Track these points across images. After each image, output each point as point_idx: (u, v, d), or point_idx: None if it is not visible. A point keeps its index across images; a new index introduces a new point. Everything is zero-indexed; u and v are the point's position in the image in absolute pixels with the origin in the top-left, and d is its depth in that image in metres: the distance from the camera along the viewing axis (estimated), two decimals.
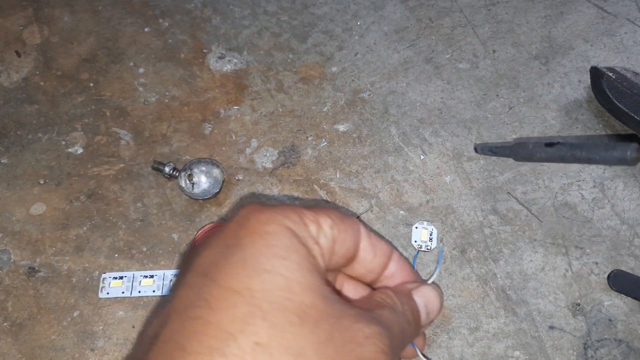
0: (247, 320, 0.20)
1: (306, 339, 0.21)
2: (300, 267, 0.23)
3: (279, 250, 0.23)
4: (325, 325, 0.22)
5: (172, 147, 0.54)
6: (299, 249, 0.23)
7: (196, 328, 0.21)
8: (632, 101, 0.51)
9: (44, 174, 0.53)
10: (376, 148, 0.54)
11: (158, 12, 0.63)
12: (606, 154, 0.36)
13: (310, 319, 0.22)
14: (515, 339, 0.44)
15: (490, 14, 0.62)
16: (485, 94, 0.56)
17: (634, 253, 0.47)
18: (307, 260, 0.23)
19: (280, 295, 0.21)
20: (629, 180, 0.51)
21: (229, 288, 0.21)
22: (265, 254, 0.22)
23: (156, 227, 0.50)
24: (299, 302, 0.22)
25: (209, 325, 0.21)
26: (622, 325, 0.44)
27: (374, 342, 0.23)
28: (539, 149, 0.41)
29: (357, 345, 0.22)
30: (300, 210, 0.25)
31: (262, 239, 0.23)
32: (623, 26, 0.60)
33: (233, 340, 0.20)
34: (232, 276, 0.22)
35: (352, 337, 0.22)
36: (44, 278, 0.48)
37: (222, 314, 0.21)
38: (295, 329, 0.21)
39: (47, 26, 0.62)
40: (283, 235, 0.23)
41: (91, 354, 0.45)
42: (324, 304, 0.23)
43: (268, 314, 0.21)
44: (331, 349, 0.22)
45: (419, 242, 0.48)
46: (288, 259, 0.22)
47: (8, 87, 0.58)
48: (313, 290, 0.22)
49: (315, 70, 0.59)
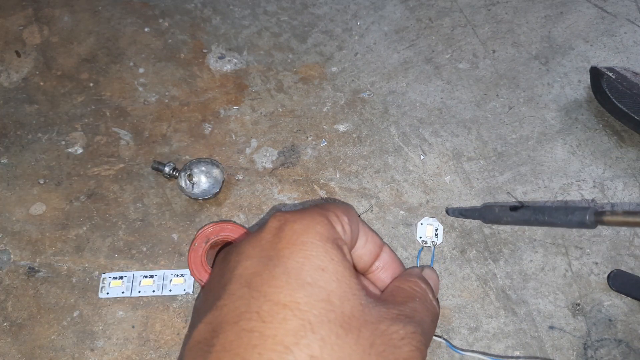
0: (299, 333, 0.22)
1: (351, 348, 0.22)
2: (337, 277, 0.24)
3: (317, 261, 0.24)
4: (366, 333, 0.23)
5: (172, 147, 0.54)
6: (334, 256, 0.25)
7: (253, 341, 0.22)
8: (632, 101, 0.51)
9: (44, 174, 0.53)
10: (376, 148, 0.54)
11: (158, 12, 0.63)
12: (566, 219, 0.38)
13: (352, 329, 0.23)
14: (515, 339, 0.44)
15: (490, 14, 0.62)
16: (485, 94, 0.56)
17: (633, 253, 0.47)
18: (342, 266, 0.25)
19: (323, 307, 0.23)
20: (629, 180, 0.51)
21: (278, 302, 0.23)
22: (306, 266, 0.24)
23: (156, 227, 0.50)
24: (341, 313, 0.23)
25: (265, 339, 0.22)
26: (622, 325, 0.45)
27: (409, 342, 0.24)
28: (505, 212, 0.43)
29: (395, 347, 0.24)
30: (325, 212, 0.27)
31: (301, 250, 0.24)
32: (623, 26, 0.60)
33: (289, 353, 0.21)
34: (278, 289, 0.23)
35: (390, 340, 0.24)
36: (44, 278, 0.48)
37: (275, 327, 0.22)
38: (341, 340, 0.22)
39: (47, 26, 0.62)
40: (318, 245, 0.25)
41: (91, 354, 0.45)
42: (362, 311, 0.24)
43: (316, 326, 0.22)
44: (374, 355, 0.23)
45: (424, 238, 0.48)
46: (326, 270, 0.24)
47: (8, 87, 0.58)
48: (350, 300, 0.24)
49: (315, 70, 0.59)
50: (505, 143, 0.53)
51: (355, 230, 0.28)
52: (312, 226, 0.25)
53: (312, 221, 0.25)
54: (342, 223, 0.27)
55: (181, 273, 0.47)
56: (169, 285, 0.47)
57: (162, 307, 0.47)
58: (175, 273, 0.47)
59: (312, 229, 0.25)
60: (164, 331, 0.45)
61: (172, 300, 0.47)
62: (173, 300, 0.47)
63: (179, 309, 0.46)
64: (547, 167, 0.52)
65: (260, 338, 0.22)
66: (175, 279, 0.47)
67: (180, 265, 0.48)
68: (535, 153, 0.52)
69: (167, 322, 0.46)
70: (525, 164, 0.52)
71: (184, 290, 0.47)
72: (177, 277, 0.47)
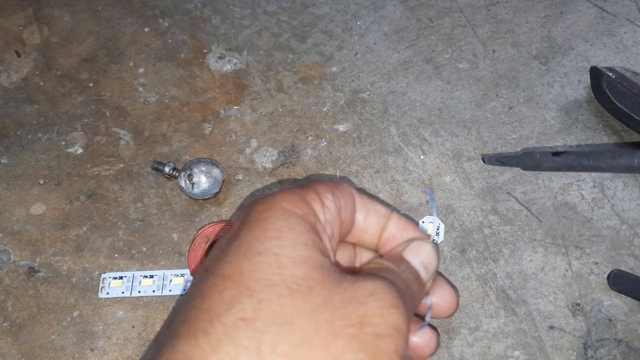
0: (234, 299, 0.21)
1: (296, 307, 0.21)
2: (294, 243, 0.22)
3: (272, 232, 0.23)
4: (321, 292, 0.21)
5: (172, 147, 0.54)
6: (294, 226, 0.23)
7: (189, 316, 0.21)
8: (632, 101, 0.51)
9: (44, 174, 0.53)
10: (376, 148, 0.54)
11: (158, 12, 0.63)
12: (613, 162, 0.36)
13: (303, 289, 0.21)
14: (515, 338, 0.44)
15: (490, 14, 0.62)
16: (485, 94, 0.56)
17: (633, 253, 0.47)
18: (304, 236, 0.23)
19: (269, 272, 0.21)
20: (629, 180, 0.51)
21: (221, 275, 0.22)
22: (259, 237, 0.23)
23: (156, 227, 0.50)
24: (290, 275, 0.21)
25: (199, 310, 0.21)
26: (622, 325, 0.45)
27: (380, 297, 0.22)
28: (547, 158, 0.41)
29: (360, 303, 0.21)
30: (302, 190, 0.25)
31: (259, 226, 0.23)
32: (623, 26, 0.60)
33: (218, 319, 0.20)
34: (225, 264, 0.22)
35: (353, 296, 0.22)
36: (44, 278, 0.48)
37: (212, 299, 0.21)
38: (283, 301, 0.21)
39: (46, 26, 0.62)
40: (278, 217, 0.23)
41: (91, 354, 0.45)
42: (321, 273, 0.22)
43: (254, 291, 0.21)
44: (327, 312, 0.21)
45: None
46: (281, 238, 0.22)
47: (8, 87, 0.58)
48: (307, 262, 0.22)
49: (315, 70, 0.59)
50: (505, 143, 0.53)
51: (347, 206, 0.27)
52: (277, 203, 0.24)
53: (278, 199, 0.24)
54: (323, 199, 0.25)
55: (181, 273, 0.47)
56: (169, 285, 0.47)
57: (162, 307, 0.47)
58: (175, 273, 0.47)
59: (276, 206, 0.24)
60: (165, 331, 0.45)
61: (172, 300, 0.47)
62: (173, 300, 0.47)
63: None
64: None
65: (195, 311, 0.21)
66: (175, 279, 0.47)
67: (180, 265, 0.48)
68: None
69: (167, 322, 0.46)
70: None
71: (184, 290, 0.47)
72: (177, 277, 0.47)
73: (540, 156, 0.41)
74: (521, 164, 0.43)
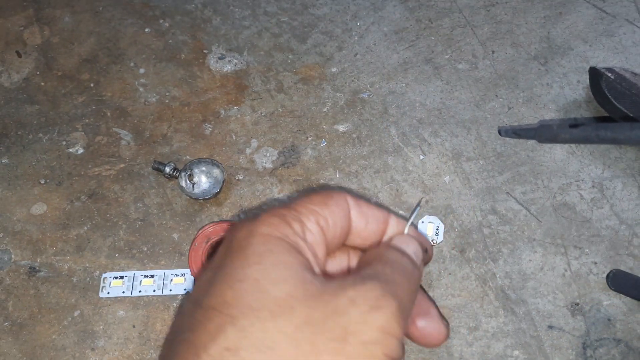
0: (219, 329, 0.21)
1: (278, 330, 0.20)
2: (273, 265, 0.22)
3: (252, 258, 0.23)
4: (302, 309, 0.21)
5: (172, 147, 0.54)
6: (274, 248, 0.23)
7: (178, 349, 0.22)
8: (631, 101, 0.51)
9: (45, 174, 0.53)
10: (376, 148, 0.54)
11: (159, 12, 0.64)
12: (631, 133, 0.35)
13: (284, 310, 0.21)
14: (515, 338, 0.45)
15: (489, 14, 0.62)
16: (484, 94, 0.57)
17: (632, 253, 0.47)
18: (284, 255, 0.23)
19: (250, 298, 0.21)
20: (628, 180, 0.51)
21: (207, 306, 0.22)
22: (241, 265, 0.23)
23: (157, 227, 0.50)
24: (272, 298, 0.21)
25: (187, 344, 0.21)
26: (621, 325, 0.45)
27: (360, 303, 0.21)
28: (563, 130, 0.40)
29: (340, 314, 0.21)
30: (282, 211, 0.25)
31: (240, 253, 0.23)
32: (622, 27, 0.60)
33: (204, 351, 0.20)
34: (210, 296, 0.22)
35: (334, 308, 0.21)
36: (45, 278, 0.48)
37: (199, 331, 0.21)
38: (266, 325, 0.21)
39: (47, 27, 0.63)
40: (258, 243, 0.23)
41: (91, 354, 0.45)
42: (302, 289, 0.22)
43: (237, 319, 0.21)
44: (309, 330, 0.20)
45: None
46: (261, 263, 0.22)
47: (9, 87, 0.58)
48: (287, 281, 0.22)
49: (315, 71, 0.59)
50: (505, 143, 0.53)
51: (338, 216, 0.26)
52: (256, 229, 0.24)
53: (257, 224, 0.24)
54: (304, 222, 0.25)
55: (182, 273, 0.48)
56: (170, 285, 0.47)
57: (163, 306, 0.47)
58: (175, 273, 0.48)
59: (256, 231, 0.24)
60: (165, 331, 0.46)
61: (173, 299, 0.47)
62: (174, 299, 0.47)
63: (179, 308, 0.47)
64: (546, 167, 0.52)
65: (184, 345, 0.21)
66: (176, 279, 0.47)
67: (181, 265, 0.48)
68: (535, 153, 0.53)
69: (167, 321, 0.46)
70: (525, 164, 0.52)
71: (184, 290, 0.47)
72: (178, 276, 0.47)
73: (557, 128, 0.41)
74: (538, 136, 0.43)
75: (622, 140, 0.36)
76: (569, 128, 0.40)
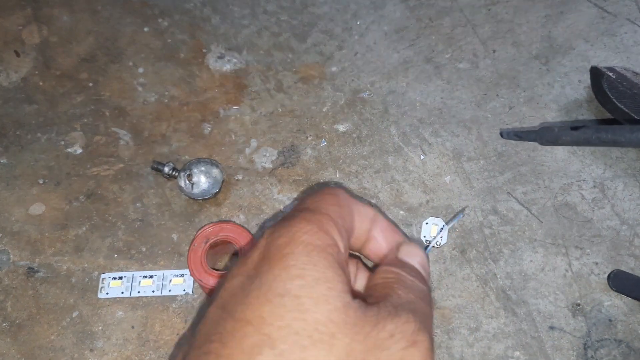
0: (254, 350, 0.20)
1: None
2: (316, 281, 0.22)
3: (294, 270, 0.22)
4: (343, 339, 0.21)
5: (171, 147, 0.54)
6: (317, 262, 0.22)
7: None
8: (632, 101, 0.51)
9: (43, 174, 0.53)
10: (376, 148, 0.54)
11: (157, 11, 0.63)
12: (632, 136, 0.35)
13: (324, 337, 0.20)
14: (515, 339, 0.44)
15: (490, 13, 0.62)
16: (485, 93, 0.56)
17: (634, 253, 0.47)
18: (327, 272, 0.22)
19: (290, 317, 0.21)
20: (629, 180, 0.51)
21: (241, 319, 0.21)
22: (281, 277, 0.22)
23: (155, 227, 0.50)
24: (312, 321, 0.21)
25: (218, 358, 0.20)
26: (622, 326, 0.44)
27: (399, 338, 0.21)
28: (565, 132, 0.40)
29: (381, 349, 0.21)
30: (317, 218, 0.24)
31: (280, 263, 0.22)
32: (623, 26, 0.60)
33: None
34: (246, 306, 0.21)
35: (375, 342, 0.21)
36: (43, 278, 0.48)
37: (232, 346, 0.20)
38: (306, 353, 0.20)
39: (46, 26, 0.62)
40: (300, 253, 0.22)
41: (90, 355, 0.44)
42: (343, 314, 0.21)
43: (276, 340, 0.20)
44: None
45: (428, 238, 0.48)
46: (303, 277, 0.22)
47: (7, 87, 0.58)
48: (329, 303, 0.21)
49: (315, 70, 0.59)
50: (506, 143, 0.53)
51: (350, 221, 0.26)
52: (297, 237, 0.23)
53: (298, 231, 0.23)
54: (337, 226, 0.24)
55: (181, 273, 0.47)
56: (169, 286, 0.47)
57: (162, 307, 0.46)
58: (174, 273, 0.47)
59: (297, 240, 0.23)
60: (164, 331, 0.45)
61: (172, 300, 0.47)
62: (173, 300, 0.47)
63: (178, 309, 0.46)
64: (547, 167, 0.52)
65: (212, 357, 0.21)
66: (175, 279, 0.47)
67: (180, 266, 0.48)
68: (536, 153, 0.52)
69: (166, 322, 0.46)
70: (526, 164, 0.52)
71: (183, 291, 0.47)
72: (177, 277, 0.47)
73: (559, 130, 0.41)
74: (539, 139, 0.43)
75: (622, 142, 0.36)
76: (570, 130, 0.39)
